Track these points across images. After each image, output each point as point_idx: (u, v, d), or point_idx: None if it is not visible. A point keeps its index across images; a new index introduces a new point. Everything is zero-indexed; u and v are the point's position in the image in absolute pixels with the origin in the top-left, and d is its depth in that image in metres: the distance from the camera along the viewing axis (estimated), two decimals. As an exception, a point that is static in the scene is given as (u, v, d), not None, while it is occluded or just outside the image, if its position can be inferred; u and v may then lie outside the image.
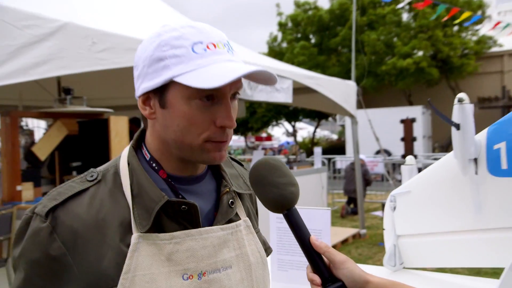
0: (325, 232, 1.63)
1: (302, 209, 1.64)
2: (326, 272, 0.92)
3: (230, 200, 1.05)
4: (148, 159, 1.01)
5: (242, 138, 32.08)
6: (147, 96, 0.96)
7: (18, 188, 4.03)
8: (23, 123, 6.07)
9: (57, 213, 0.91)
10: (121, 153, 1.04)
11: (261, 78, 0.97)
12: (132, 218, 0.92)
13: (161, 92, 0.94)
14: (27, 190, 4.08)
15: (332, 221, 9.12)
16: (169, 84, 0.92)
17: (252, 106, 24.05)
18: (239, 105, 8.80)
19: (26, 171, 4.32)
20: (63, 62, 2.95)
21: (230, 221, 1.04)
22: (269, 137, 30.23)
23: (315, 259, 0.92)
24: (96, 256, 0.89)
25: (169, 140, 0.96)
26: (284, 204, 0.94)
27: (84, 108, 4.56)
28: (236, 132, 29.17)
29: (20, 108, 5.29)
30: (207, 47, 0.92)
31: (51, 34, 2.86)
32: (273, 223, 1.73)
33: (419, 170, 2.22)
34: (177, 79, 0.90)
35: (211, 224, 1.00)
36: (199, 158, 0.96)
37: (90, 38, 3.12)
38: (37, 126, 7.09)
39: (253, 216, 1.17)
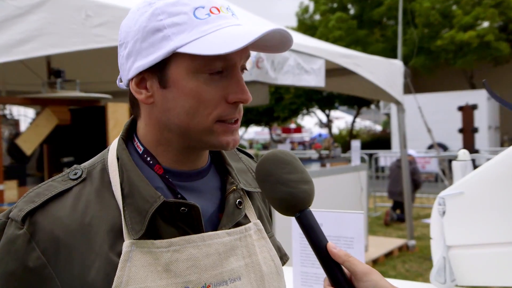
0: (357, 240, 1.64)
1: (330, 212, 1.66)
2: (346, 285, 0.93)
3: (238, 200, 1.06)
4: (141, 152, 1.03)
5: (266, 130, 32.11)
6: (142, 77, 0.98)
7: (0, 187, 4.14)
8: (6, 111, 6.22)
9: (36, 218, 0.93)
10: (109, 146, 1.07)
11: (275, 44, 0.99)
12: (123, 222, 0.94)
13: (160, 69, 0.95)
14: (10, 189, 4.19)
15: (374, 230, 9.11)
16: (171, 58, 0.94)
17: (278, 92, 24.04)
18: (261, 90, 8.86)
19: (10, 167, 4.43)
20: (52, 39, 3.01)
21: (238, 224, 1.06)
22: (298, 129, 30.14)
23: (334, 270, 0.93)
24: (81, 267, 0.91)
25: (171, 126, 0.98)
26: (295, 205, 0.95)
27: (77, 94, 4.64)
28: (259, 122, 29.22)
29: (2, 93, 5.42)
30: (210, 11, 0.94)
31: (38, 5, 2.92)
32: (296, 228, 1.75)
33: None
34: (182, 50, 0.91)
35: (215, 228, 1.02)
36: (208, 143, 0.98)
37: (84, 11, 3.17)
38: (24, 115, 7.25)
39: (265, 218, 1.18)
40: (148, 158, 1.02)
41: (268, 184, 0.97)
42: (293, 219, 1.76)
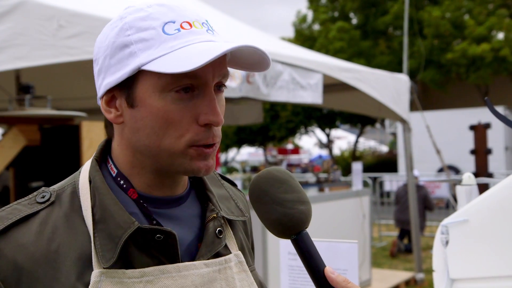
0: (351, 272, 1.65)
1: (321, 241, 1.67)
2: None
3: (218, 229, 1.09)
4: (114, 175, 1.06)
5: (260, 151, 32.12)
6: (112, 95, 1.02)
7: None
8: (-30, 131, 6.21)
9: None
10: (81, 167, 1.09)
11: (254, 62, 1.03)
12: (93, 250, 0.97)
13: (128, 87, 0.99)
14: (-27, 217, 4.18)
15: (378, 262, 9.09)
16: (138, 76, 0.98)
17: (274, 109, 24.10)
18: (254, 108, 8.87)
19: (-28, 193, 4.43)
20: (20, 51, 3.02)
21: (217, 255, 1.08)
22: (296, 149, 30.22)
23: None
24: None
25: (141, 147, 1.01)
26: (292, 226, 0.97)
27: (48, 111, 4.64)
28: (253, 142, 29.22)
29: (-34, 111, 5.40)
30: (181, 26, 0.98)
31: (5, 14, 2.94)
32: (284, 260, 1.76)
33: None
34: (146, 67, 0.95)
35: (193, 258, 1.04)
36: (180, 167, 1.01)
37: (55, 20, 3.19)
38: (-11, 135, 7.24)
39: (247, 250, 1.21)
40: (122, 182, 1.04)
41: (263, 204, 0.99)
42: (281, 251, 1.77)
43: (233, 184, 1.28)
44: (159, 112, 0.97)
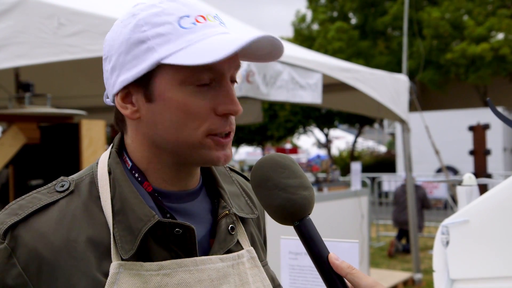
0: (352, 272, 1.66)
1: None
2: None
3: (230, 226, 1.10)
4: (129, 167, 1.07)
5: (258, 150, 32.11)
6: (127, 91, 1.03)
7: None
8: (-31, 129, 6.20)
9: (18, 232, 0.96)
10: (99, 158, 1.10)
11: (266, 52, 1.04)
12: (112, 241, 0.98)
13: (145, 82, 1.00)
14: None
15: (376, 262, 9.10)
16: (156, 70, 0.99)
17: (272, 108, 24.10)
18: (254, 107, 8.85)
19: (-29, 191, 4.42)
20: (20, 49, 3.02)
21: (229, 251, 1.09)
22: (294, 149, 30.20)
23: (336, 283, 0.95)
24: (66, 287, 0.95)
25: (159, 141, 1.02)
26: (295, 212, 0.97)
27: (47, 110, 4.64)
28: (251, 142, 29.21)
29: (-35, 108, 5.39)
30: (196, 20, 1.00)
31: (5, 12, 2.94)
32: (285, 260, 1.76)
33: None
34: (167, 61, 0.96)
35: (206, 254, 1.06)
36: (199, 158, 1.02)
37: (56, 18, 3.19)
38: (-12, 133, 7.23)
39: (259, 245, 1.22)
40: (137, 175, 1.06)
41: (265, 189, 0.99)
42: (282, 250, 1.77)
43: (247, 179, 1.29)
44: (179, 105, 0.99)
